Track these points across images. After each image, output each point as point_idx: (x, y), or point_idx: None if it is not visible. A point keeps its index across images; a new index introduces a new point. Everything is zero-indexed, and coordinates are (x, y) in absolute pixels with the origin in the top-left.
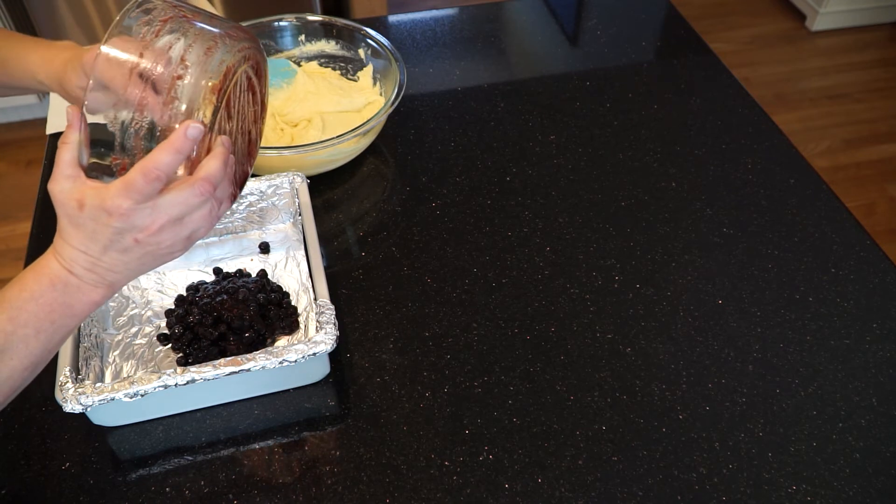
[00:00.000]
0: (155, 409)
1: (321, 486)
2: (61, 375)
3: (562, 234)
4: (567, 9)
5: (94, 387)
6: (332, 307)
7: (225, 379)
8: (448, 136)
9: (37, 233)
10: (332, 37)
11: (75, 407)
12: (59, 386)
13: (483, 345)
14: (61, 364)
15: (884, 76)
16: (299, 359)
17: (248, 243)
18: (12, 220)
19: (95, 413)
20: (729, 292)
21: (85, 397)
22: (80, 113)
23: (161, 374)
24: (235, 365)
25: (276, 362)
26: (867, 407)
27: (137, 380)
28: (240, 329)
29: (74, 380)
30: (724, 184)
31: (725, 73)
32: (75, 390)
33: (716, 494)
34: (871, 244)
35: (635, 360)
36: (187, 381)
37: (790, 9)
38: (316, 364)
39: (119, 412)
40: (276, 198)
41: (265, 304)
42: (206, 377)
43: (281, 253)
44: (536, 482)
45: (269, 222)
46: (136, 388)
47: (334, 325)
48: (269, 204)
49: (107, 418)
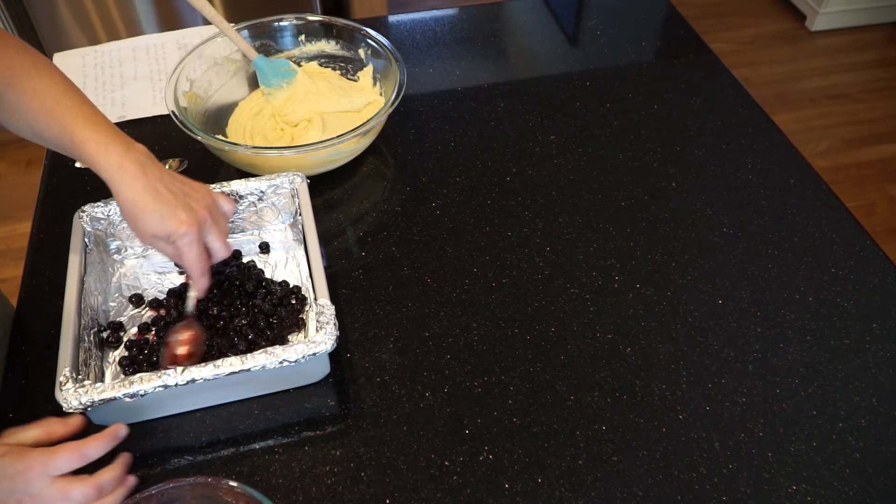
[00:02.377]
0: (155, 409)
1: (321, 486)
2: (61, 375)
3: (562, 234)
4: (567, 9)
5: (95, 387)
6: (332, 307)
7: (225, 379)
8: (448, 136)
9: (37, 233)
10: (332, 37)
11: (76, 407)
12: (60, 386)
13: (483, 345)
14: (61, 364)
15: (883, 76)
16: (299, 359)
17: (248, 243)
18: (12, 220)
19: (96, 413)
20: (729, 292)
21: (86, 397)
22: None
23: (161, 374)
24: (235, 365)
25: (277, 362)
26: (867, 407)
27: (137, 380)
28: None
29: (75, 380)
30: (724, 184)
31: (725, 73)
32: (76, 390)
33: (716, 494)
34: (871, 244)
35: (635, 360)
36: (187, 381)
37: (790, 9)
38: (316, 364)
39: (119, 412)
40: (275, 198)
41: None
42: (206, 377)
43: (281, 253)
44: (536, 482)
45: (268, 222)
46: (136, 388)
47: (334, 325)
48: (268, 204)
49: (107, 418)
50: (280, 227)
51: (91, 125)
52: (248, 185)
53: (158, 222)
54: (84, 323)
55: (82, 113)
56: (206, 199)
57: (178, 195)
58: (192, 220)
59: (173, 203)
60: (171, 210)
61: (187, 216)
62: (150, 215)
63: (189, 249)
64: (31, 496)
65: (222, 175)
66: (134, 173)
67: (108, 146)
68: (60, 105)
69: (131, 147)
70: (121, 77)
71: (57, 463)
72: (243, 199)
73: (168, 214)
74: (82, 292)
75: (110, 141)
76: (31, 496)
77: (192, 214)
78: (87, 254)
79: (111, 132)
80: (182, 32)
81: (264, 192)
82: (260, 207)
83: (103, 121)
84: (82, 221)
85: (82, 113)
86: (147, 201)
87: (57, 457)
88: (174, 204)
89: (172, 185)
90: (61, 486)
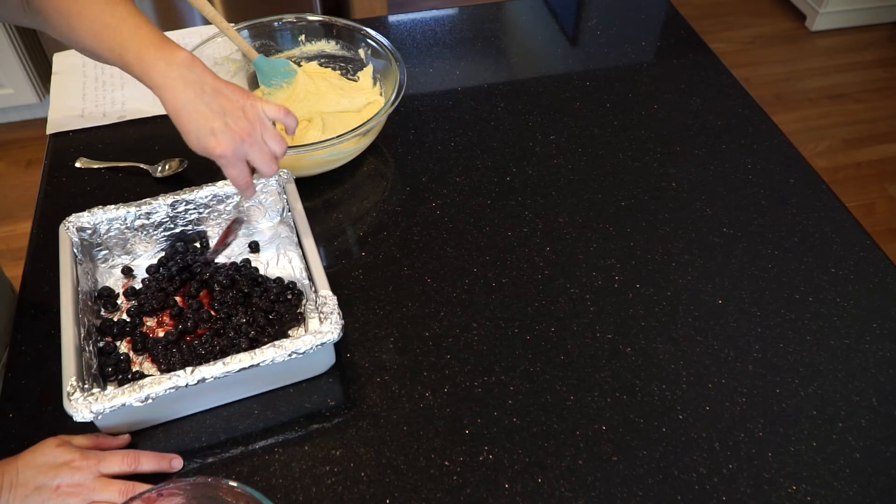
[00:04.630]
0: (163, 413)
1: (321, 486)
2: (68, 385)
3: (562, 234)
4: (567, 9)
5: (104, 394)
6: (334, 297)
7: (234, 376)
8: (448, 136)
9: (37, 233)
10: (333, 37)
11: (86, 416)
12: (68, 396)
13: (483, 345)
14: (66, 375)
15: (884, 76)
16: (308, 349)
17: (237, 243)
18: (12, 220)
19: (103, 419)
20: (729, 292)
21: (96, 405)
22: None
23: (171, 376)
24: (245, 361)
25: (286, 355)
26: (867, 407)
27: (147, 384)
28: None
29: (82, 389)
30: (724, 184)
31: (725, 73)
32: (84, 399)
33: (716, 494)
34: (871, 244)
35: (635, 360)
36: (198, 380)
37: (790, 9)
38: (322, 355)
39: (127, 416)
40: (262, 196)
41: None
42: (216, 375)
43: (271, 251)
44: (536, 482)
45: (256, 221)
46: (146, 392)
47: (339, 315)
48: (254, 203)
49: (115, 422)
50: (268, 224)
51: (135, 42)
52: (229, 186)
53: (195, 140)
54: (83, 333)
55: (127, 29)
56: (249, 114)
57: (217, 112)
58: (226, 140)
59: (209, 122)
60: (207, 127)
61: (221, 137)
62: (188, 133)
63: (227, 168)
64: (72, 485)
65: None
66: (174, 88)
67: (151, 64)
68: (107, 28)
69: (173, 59)
70: (121, 77)
71: (111, 462)
72: (228, 199)
73: (204, 133)
74: (78, 303)
75: (153, 58)
76: (71, 485)
77: (225, 135)
78: (78, 264)
79: (153, 47)
80: (182, 32)
81: None
82: (247, 207)
83: (147, 34)
84: (69, 232)
85: (127, 29)
86: (184, 119)
87: (112, 457)
88: (209, 123)
89: (213, 102)
90: (104, 482)
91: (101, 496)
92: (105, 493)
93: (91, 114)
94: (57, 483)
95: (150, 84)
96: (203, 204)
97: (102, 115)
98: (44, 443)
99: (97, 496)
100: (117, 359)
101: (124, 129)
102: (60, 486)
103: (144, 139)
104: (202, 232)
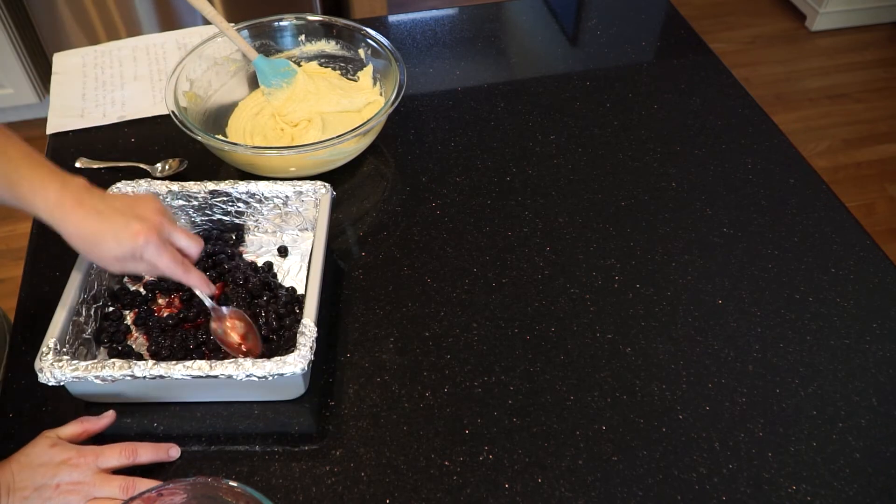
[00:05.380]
0: (136, 395)
1: (321, 486)
2: (44, 346)
3: (562, 234)
4: (567, 9)
5: (70, 363)
6: (314, 329)
7: (194, 381)
8: (448, 136)
9: (37, 233)
10: (333, 37)
11: (49, 379)
12: (40, 356)
13: (483, 345)
14: (49, 334)
15: (884, 76)
16: (266, 376)
17: (268, 243)
18: (12, 220)
19: (73, 387)
20: (729, 292)
21: (58, 371)
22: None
23: (132, 364)
24: (202, 370)
25: (243, 375)
26: (867, 407)
27: (110, 365)
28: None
29: (56, 352)
30: (724, 184)
31: (725, 73)
32: (52, 363)
33: (716, 494)
34: (871, 244)
35: (635, 360)
36: (156, 375)
37: (790, 9)
38: (287, 383)
39: (98, 391)
40: (299, 204)
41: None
42: (175, 376)
43: (296, 258)
44: (536, 482)
45: (290, 227)
46: (106, 373)
47: (310, 349)
48: (293, 209)
49: (86, 394)
50: (300, 234)
51: (25, 167)
52: (273, 187)
53: (115, 243)
54: (85, 297)
55: (17, 156)
56: (154, 203)
57: (124, 210)
58: (148, 227)
59: (121, 218)
60: (121, 225)
61: (141, 225)
62: (103, 239)
63: (159, 258)
64: (71, 483)
65: (222, 175)
66: (72, 206)
67: (42, 185)
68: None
69: (67, 183)
70: (121, 77)
71: (108, 456)
72: (268, 200)
73: (121, 229)
74: (91, 266)
75: (45, 180)
76: (71, 483)
77: (144, 223)
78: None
79: (45, 171)
80: (182, 32)
81: (289, 198)
82: (284, 211)
83: (39, 161)
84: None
85: (17, 156)
86: (94, 227)
87: (110, 451)
88: (123, 219)
89: (115, 203)
90: (104, 478)
91: (102, 492)
92: (105, 489)
93: (91, 114)
94: (57, 482)
95: (45, 206)
96: (243, 200)
97: (102, 115)
98: (35, 443)
99: (98, 492)
100: (116, 327)
101: (124, 129)
102: (60, 484)
103: (144, 139)
104: (240, 225)
